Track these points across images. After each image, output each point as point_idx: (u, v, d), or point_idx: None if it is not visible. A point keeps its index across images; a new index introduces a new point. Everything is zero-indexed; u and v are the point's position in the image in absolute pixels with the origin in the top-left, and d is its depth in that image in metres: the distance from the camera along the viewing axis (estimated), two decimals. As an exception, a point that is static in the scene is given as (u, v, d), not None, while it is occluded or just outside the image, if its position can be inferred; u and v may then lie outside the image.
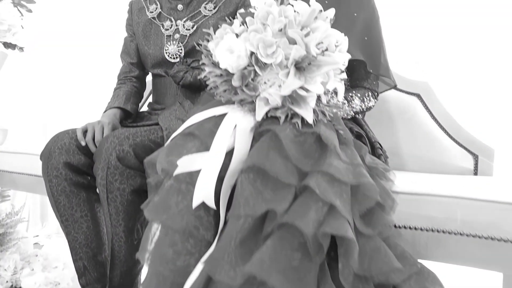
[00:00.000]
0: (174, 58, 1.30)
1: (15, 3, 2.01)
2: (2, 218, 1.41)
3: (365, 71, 1.08)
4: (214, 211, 0.71)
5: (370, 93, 1.09)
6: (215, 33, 0.81)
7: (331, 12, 0.80)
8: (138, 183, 0.97)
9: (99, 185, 0.96)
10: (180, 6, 1.33)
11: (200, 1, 1.34)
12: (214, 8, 1.32)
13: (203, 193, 0.69)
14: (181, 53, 1.30)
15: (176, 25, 1.32)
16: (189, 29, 1.30)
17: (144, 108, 1.67)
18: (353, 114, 1.06)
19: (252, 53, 0.71)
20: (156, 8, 1.36)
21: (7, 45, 1.87)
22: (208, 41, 0.85)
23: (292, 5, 0.82)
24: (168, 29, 1.32)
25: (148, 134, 1.03)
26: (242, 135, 0.73)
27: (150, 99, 1.68)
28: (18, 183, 1.43)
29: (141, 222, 0.94)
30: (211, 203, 0.69)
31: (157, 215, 0.71)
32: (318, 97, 0.75)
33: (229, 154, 0.73)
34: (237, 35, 0.76)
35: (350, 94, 1.05)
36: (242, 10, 0.80)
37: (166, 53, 1.30)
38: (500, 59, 1.51)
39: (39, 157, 1.09)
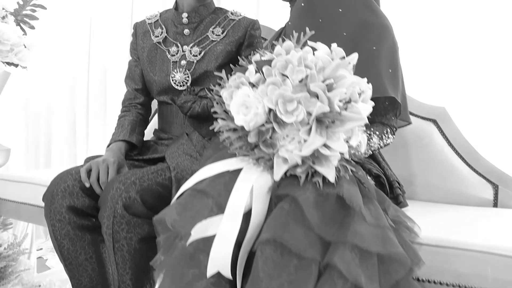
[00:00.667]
0: (180, 85, 1.24)
1: (18, 20, 1.95)
2: (4, 249, 1.36)
3: (384, 106, 1.01)
4: (229, 279, 0.65)
5: (388, 130, 1.02)
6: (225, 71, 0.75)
7: (354, 57, 0.73)
8: (146, 231, 0.91)
9: (104, 234, 0.91)
10: (186, 31, 1.26)
11: (207, 25, 1.27)
12: (222, 33, 1.26)
13: (218, 262, 0.63)
14: (188, 80, 1.23)
15: (183, 51, 1.25)
16: (196, 55, 1.24)
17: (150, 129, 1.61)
18: (371, 152, 1.00)
19: (270, 109, 0.65)
20: (162, 32, 1.29)
21: (10, 63, 1.82)
22: (219, 84, 0.78)
23: (312, 48, 0.76)
24: (174, 55, 1.26)
25: (155, 177, 0.97)
26: (260, 196, 0.66)
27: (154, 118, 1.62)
28: (21, 213, 1.38)
29: (149, 277, 0.88)
30: (227, 273, 0.63)
31: (170, 284, 0.65)
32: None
33: (244, 216, 0.67)
34: (252, 85, 0.70)
35: (368, 132, 0.99)
36: (257, 57, 0.73)
37: (173, 80, 1.24)
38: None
39: (43, 192, 1.04)
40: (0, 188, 1.41)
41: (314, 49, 0.76)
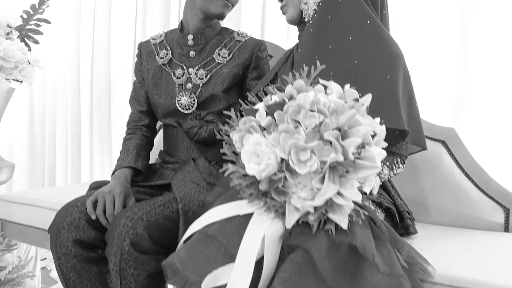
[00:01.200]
0: (186, 109, 1.22)
1: (23, 35, 1.93)
2: (8, 272, 1.34)
3: (394, 135, 0.99)
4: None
5: (399, 159, 1.00)
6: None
7: (367, 98, 0.71)
8: (153, 267, 0.89)
9: (112, 270, 0.89)
10: (192, 53, 1.24)
11: (213, 47, 1.25)
12: (228, 55, 1.23)
13: (229, 313, 0.61)
14: (193, 104, 1.21)
15: (188, 74, 1.23)
16: (202, 78, 1.22)
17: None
18: (381, 184, 0.98)
19: (283, 159, 0.62)
20: (167, 54, 1.27)
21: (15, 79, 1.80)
22: (228, 123, 0.76)
23: (323, 86, 0.73)
24: (179, 77, 1.23)
25: (162, 210, 0.94)
26: (271, 245, 0.64)
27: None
28: (26, 236, 1.36)
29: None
30: (239, 327, 0.61)
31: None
32: (354, 199, 0.66)
33: (255, 263, 0.65)
34: (263, 129, 0.67)
35: (379, 163, 0.96)
36: (267, 100, 0.70)
37: (178, 104, 1.22)
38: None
39: (47, 215, 1.02)
40: (5, 210, 1.40)
41: (325, 87, 0.74)
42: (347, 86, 0.71)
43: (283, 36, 1.87)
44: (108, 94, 2.27)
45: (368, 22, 0.98)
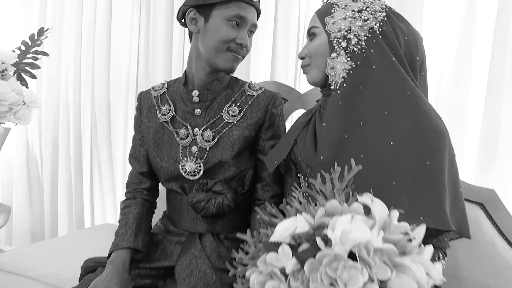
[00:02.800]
0: (192, 175, 1.05)
1: (20, 70, 1.77)
2: None
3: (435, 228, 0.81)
4: None
5: (440, 254, 0.82)
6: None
7: (421, 231, 0.53)
8: None
9: None
10: (197, 111, 1.07)
11: (221, 103, 1.08)
12: (239, 113, 1.06)
13: None
14: (200, 170, 1.04)
15: (194, 135, 1.06)
16: (209, 141, 1.05)
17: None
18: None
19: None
20: (169, 110, 1.10)
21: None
22: (242, 249, 0.59)
23: (363, 205, 0.56)
24: (184, 139, 1.07)
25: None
26: None
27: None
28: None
29: None
30: None
31: None
32: None
33: None
34: (286, 277, 0.51)
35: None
36: (303, 247, 0.52)
37: (182, 169, 1.05)
38: None
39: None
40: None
41: (365, 206, 0.57)
42: (395, 214, 0.53)
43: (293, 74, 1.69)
44: (108, 113, 2.11)
45: (408, 93, 0.80)
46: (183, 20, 1.08)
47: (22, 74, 1.79)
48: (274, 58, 1.72)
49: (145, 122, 1.13)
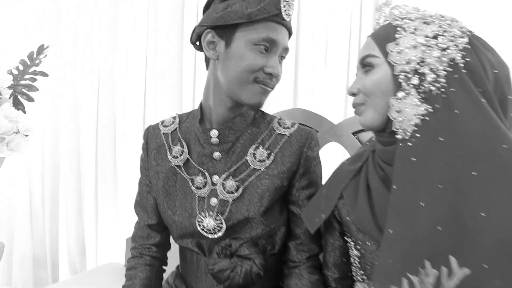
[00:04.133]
0: (211, 233, 0.84)
1: (17, 93, 1.57)
2: None
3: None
4: None
5: None
6: None
7: None
8: None
9: None
10: (217, 154, 0.85)
11: (245, 145, 0.86)
12: (267, 157, 0.84)
13: None
14: (221, 228, 0.83)
15: (213, 183, 0.85)
16: (232, 192, 0.83)
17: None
18: None
19: None
20: (182, 152, 0.88)
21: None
22: None
23: None
24: (200, 188, 0.85)
25: None
26: None
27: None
28: None
29: None
30: None
31: None
32: None
33: None
34: None
35: None
36: None
37: (200, 226, 0.84)
38: None
39: None
40: None
41: None
42: None
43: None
44: (114, 134, 1.90)
45: (505, 147, 0.58)
46: (197, 43, 0.87)
47: (19, 97, 1.60)
48: (297, 80, 1.50)
49: (154, 165, 0.91)
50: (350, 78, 1.65)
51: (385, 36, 0.67)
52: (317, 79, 1.54)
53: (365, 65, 0.70)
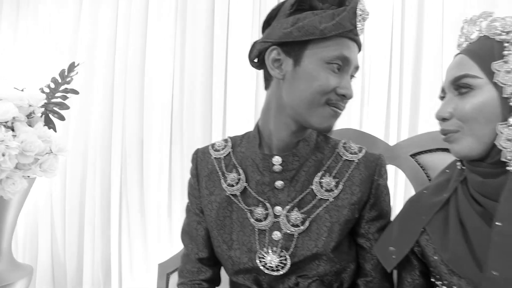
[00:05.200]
0: (274, 270, 0.74)
1: (48, 111, 1.51)
2: None
3: None
4: None
5: None
6: None
7: None
8: None
9: None
10: (280, 183, 0.76)
11: (310, 173, 0.76)
12: (336, 186, 0.75)
13: None
14: (285, 264, 0.73)
15: (275, 216, 0.76)
16: (297, 225, 0.74)
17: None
18: None
19: None
20: (239, 180, 0.79)
21: (34, 170, 1.38)
22: None
23: None
24: (261, 220, 0.76)
25: None
26: None
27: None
28: None
29: None
30: None
31: None
32: None
33: None
34: None
35: None
36: None
37: (261, 262, 0.75)
38: None
39: None
40: None
41: None
42: None
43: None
44: (141, 152, 1.82)
45: None
46: (256, 60, 0.79)
47: (50, 115, 1.54)
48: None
49: (205, 194, 0.83)
50: (392, 93, 1.56)
51: (487, 53, 0.58)
52: (356, 94, 1.45)
53: (461, 86, 0.61)
